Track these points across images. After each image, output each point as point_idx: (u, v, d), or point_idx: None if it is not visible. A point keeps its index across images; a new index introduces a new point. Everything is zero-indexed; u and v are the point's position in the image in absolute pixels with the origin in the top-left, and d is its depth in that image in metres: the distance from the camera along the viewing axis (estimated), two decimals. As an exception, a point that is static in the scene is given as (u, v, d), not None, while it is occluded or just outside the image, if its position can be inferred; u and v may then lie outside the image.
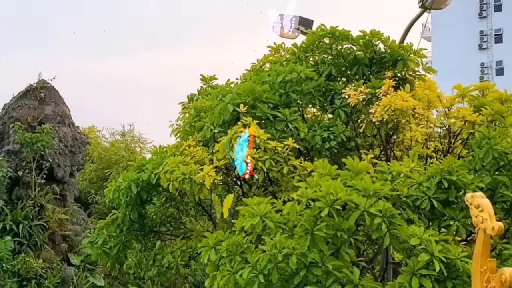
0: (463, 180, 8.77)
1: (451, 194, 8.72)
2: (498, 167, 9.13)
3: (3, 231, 16.98)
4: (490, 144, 9.13)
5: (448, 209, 8.79)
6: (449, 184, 8.73)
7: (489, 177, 9.02)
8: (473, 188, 8.64)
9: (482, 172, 9.10)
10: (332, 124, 10.31)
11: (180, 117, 11.72)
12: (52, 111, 18.61)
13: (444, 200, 8.79)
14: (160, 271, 11.46)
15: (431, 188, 8.70)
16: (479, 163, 9.19)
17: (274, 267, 8.05)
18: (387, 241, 7.98)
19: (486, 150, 9.12)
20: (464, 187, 8.73)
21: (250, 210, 8.73)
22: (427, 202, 8.70)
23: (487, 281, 5.89)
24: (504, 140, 9.22)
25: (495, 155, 9.07)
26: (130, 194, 10.85)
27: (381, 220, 7.90)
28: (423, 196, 8.72)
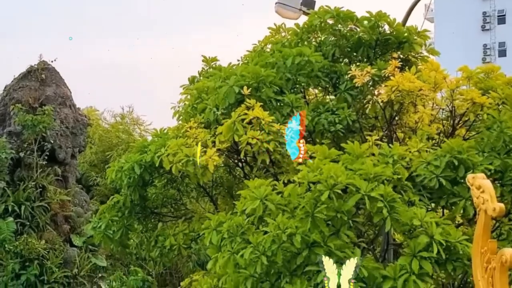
0: (472, 160, 8.79)
1: (460, 173, 8.73)
2: (508, 150, 9.14)
3: (5, 212, 17.04)
4: (502, 127, 9.14)
5: (457, 187, 8.81)
6: (458, 163, 8.75)
7: (498, 159, 9.04)
8: (482, 169, 8.66)
9: (491, 154, 9.11)
10: (337, 107, 10.29)
11: (182, 99, 11.69)
12: (53, 93, 18.58)
13: (453, 179, 8.81)
14: (162, 252, 11.50)
15: (440, 166, 8.71)
16: (488, 145, 9.20)
17: (278, 248, 8.08)
18: (389, 225, 8.01)
19: (497, 134, 9.13)
20: (473, 167, 8.74)
21: (250, 193, 8.74)
22: (435, 181, 8.72)
23: (488, 262, 5.91)
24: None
25: (506, 138, 9.07)
26: (133, 175, 10.84)
27: (382, 204, 7.93)
28: (431, 175, 8.74)
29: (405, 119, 10.28)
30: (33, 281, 16.17)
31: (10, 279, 16.06)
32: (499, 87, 9.93)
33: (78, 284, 16.81)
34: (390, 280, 8.04)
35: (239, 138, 9.66)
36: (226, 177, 12.52)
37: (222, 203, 12.36)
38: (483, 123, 9.66)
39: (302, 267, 8.28)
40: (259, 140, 9.54)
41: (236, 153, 10.81)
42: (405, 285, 7.93)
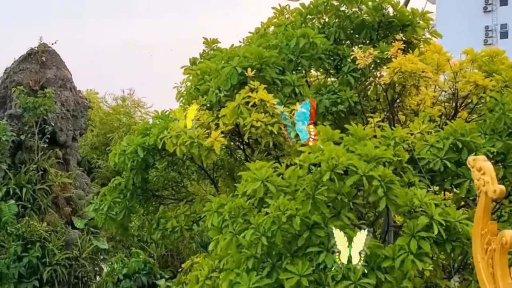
0: (475, 143, 8.82)
1: (463, 155, 8.76)
2: (510, 132, 9.16)
3: (6, 195, 17.07)
4: (504, 109, 9.16)
5: (460, 169, 8.85)
6: (462, 145, 8.77)
7: (500, 141, 9.07)
8: (484, 151, 8.69)
9: (493, 137, 9.14)
10: (339, 89, 10.29)
11: (184, 80, 11.65)
12: (53, 75, 18.52)
13: (456, 161, 8.84)
14: (164, 234, 11.55)
15: (443, 149, 8.74)
16: (490, 127, 9.23)
17: (278, 229, 8.12)
18: (383, 205, 8.06)
19: (499, 115, 9.16)
20: (475, 149, 8.77)
21: (252, 175, 8.76)
22: (439, 164, 8.76)
23: (488, 244, 5.94)
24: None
25: (507, 121, 9.10)
26: (136, 158, 10.85)
27: (378, 183, 7.95)
28: (435, 158, 8.77)
29: (407, 101, 10.29)
30: (35, 263, 16.24)
31: (12, 261, 16.13)
32: (503, 71, 9.94)
33: (80, 266, 16.88)
34: (388, 260, 8.10)
35: (243, 121, 9.65)
36: (227, 160, 12.53)
37: (223, 185, 12.39)
38: (486, 105, 9.67)
39: (303, 248, 8.33)
40: (263, 122, 9.55)
41: (238, 136, 10.81)
42: (403, 265, 7.99)
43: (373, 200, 8.22)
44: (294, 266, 8.20)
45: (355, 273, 7.87)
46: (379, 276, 8.04)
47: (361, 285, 7.85)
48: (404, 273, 8.01)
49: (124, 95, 26.35)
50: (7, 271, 16.22)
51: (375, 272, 8.08)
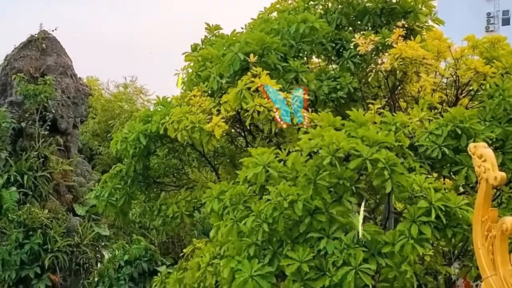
0: (474, 129, 8.81)
1: (462, 142, 8.77)
2: (509, 119, 9.15)
3: (8, 182, 17.08)
4: (504, 95, 9.14)
5: (459, 156, 8.85)
6: (461, 132, 8.77)
7: (500, 128, 9.06)
8: (483, 138, 8.69)
9: (492, 123, 9.14)
10: (340, 75, 10.27)
11: (185, 66, 11.63)
12: (54, 62, 18.47)
13: (455, 148, 8.85)
14: (165, 221, 11.59)
15: (441, 136, 8.74)
16: (489, 114, 9.22)
17: (280, 215, 8.13)
18: (389, 187, 8.03)
19: (498, 101, 9.15)
20: (474, 136, 8.77)
21: (253, 160, 8.77)
22: (437, 151, 8.76)
23: (488, 230, 5.93)
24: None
25: (507, 107, 9.09)
26: (138, 145, 10.86)
27: (383, 166, 7.95)
28: (433, 145, 8.77)
29: (408, 88, 10.27)
30: (36, 250, 16.29)
31: (13, 248, 16.18)
32: (503, 57, 9.90)
33: (81, 252, 16.94)
34: (388, 245, 8.12)
35: (246, 106, 9.64)
36: (228, 147, 12.54)
37: (224, 172, 12.41)
38: (486, 92, 9.66)
39: (304, 235, 8.35)
40: (266, 108, 9.53)
41: (239, 123, 10.81)
42: (402, 250, 8.01)
43: (377, 183, 8.21)
44: (294, 253, 8.22)
45: (356, 259, 7.89)
46: (379, 262, 8.06)
47: (362, 271, 7.87)
48: (404, 258, 8.03)
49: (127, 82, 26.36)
50: (9, 257, 16.28)
51: (375, 257, 8.10)
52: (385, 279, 8.22)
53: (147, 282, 14.99)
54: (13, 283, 16.34)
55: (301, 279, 8.16)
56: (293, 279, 8.19)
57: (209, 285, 9.65)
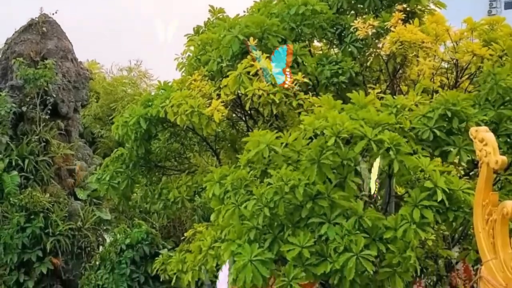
0: (466, 112, 8.81)
1: (454, 124, 8.77)
2: (503, 102, 9.14)
3: (9, 166, 17.06)
4: (496, 79, 9.12)
5: (452, 137, 8.86)
6: (452, 114, 8.77)
7: (493, 111, 9.06)
8: (476, 120, 8.69)
9: (486, 106, 9.13)
10: (341, 59, 10.24)
11: (186, 50, 11.59)
12: (54, 46, 18.36)
13: (448, 130, 8.85)
14: (166, 205, 11.63)
15: (433, 118, 8.74)
16: (483, 97, 9.21)
17: (281, 199, 8.14)
18: (396, 167, 8.04)
19: (491, 86, 9.13)
20: (467, 119, 8.77)
21: (256, 140, 8.75)
22: (429, 133, 8.76)
23: (489, 214, 5.95)
24: (511, 76, 9.18)
25: (500, 91, 9.07)
26: (139, 129, 10.87)
27: (388, 146, 7.95)
28: (424, 128, 8.78)
29: (408, 72, 10.25)
30: (38, 234, 16.31)
31: (15, 232, 16.21)
32: (501, 39, 9.85)
33: (82, 236, 16.96)
34: (390, 230, 8.13)
35: (245, 90, 9.62)
36: (229, 131, 12.54)
37: (225, 157, 12.43)
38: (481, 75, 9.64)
39: (305, 219, 8.36)
40: (265, 91, 9.51)
41: (239, 107, 10.80)
42: (405, 235, 8.03)
43: (383, 164, 8.21)
44: (295, 237, 8.24)
45: (357, 245, 7.91)
46: (380, 248, 8.08)
47: (363, 257, 7.90)
48: (406, 243, 8.05)
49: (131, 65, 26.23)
50: (11, 241, 16.32)
51: (376, 243, 8.12)
52: (388, 265, 8.25)
53: (148, 266, 15.04)
54: (15, 267, 16.41)
55: (302, 264, 8.20)
56: (294, 264, 8.23)
57: (210, 268, 9.71)
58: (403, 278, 8.27)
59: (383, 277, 8.31)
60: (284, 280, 8.28)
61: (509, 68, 9.38)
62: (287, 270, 8.31)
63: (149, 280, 15.41)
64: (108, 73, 26.47)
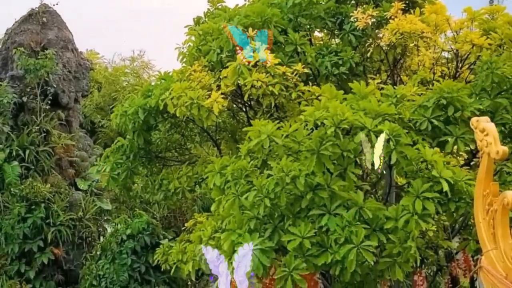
0: (462, 100, 8.79)
1: (449, 111, 8.76)
2: (500, 91, 9.12)
3: (9, 156, 17.06)
4: (491, 68, 9.09)
5: (449, 126, 8.86)
6: (447, 103, 8.75)
7: (489, 100, 9.03)
8: (471, 109, 8.68)
9: (482, 95, 9.11)
10: (341, 49, 10.20)
11: (186, 40, 11.56)
12: (55, 36, 18.32)
13: (444, 119, 8.84)
14: (167, 195, 11.64)
15: (429, 107, 8.73)
16: (479, 86, 9.19)
17: (282, 190, 8.13)
18: (394, 158, 8.03)
19: (487, 74, 9.10)
20: (462, 108, 8.76)
21: (257, 130, 8.74)
22: (426, 123, 8.75)
23: (490, 204, 5.94)
24: (507, 64, 9.15)
25: (495, 79, 9.05)
26: (137, 120, 10.87)
27: (387, 137, 7.93)
28: (422, 118, 8.77)
29: (409, 62, 10.22)
30: (39, 224, 16.33)
31: (16, 222, 16.22)
32: (500, 28, 9.81)
33: (84, 226, 16.99)
34: (391, 221, 8.13)
35: (244, 81, 9.60)
36: (229, 122, 12.53)
37: (226, 147, 12.42)
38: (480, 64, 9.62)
39: (306, 210, 8.36)
40: (264, 83, 9.49)
41: (240, 97, 10.78)
42: (406, 225, 8.03)
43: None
44: (296, 228, 8.24)
45: (358, 236, 7.91)
46: (381, 239, 8.09)
47: (364, 248, 7.90)
48: (407, 233, 8.05)
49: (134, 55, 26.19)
50: (12, 231, 16.35)
51: (377, 234, 8.12)
52: (388, 255, 8.26)
53: (149, 256, 15.08)
54: (16, 257, 16.44)
55: (302, 255, 8.20)
56: (294, 254, 8.23)
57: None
58: (403, 268, 8.27)
59: (383, 267, 8.32)
60: (284, 271, 8.29)
61: (506, 57, 9.35)
62: (287, 261, 8.32)
63: (150, 270, 15.45)
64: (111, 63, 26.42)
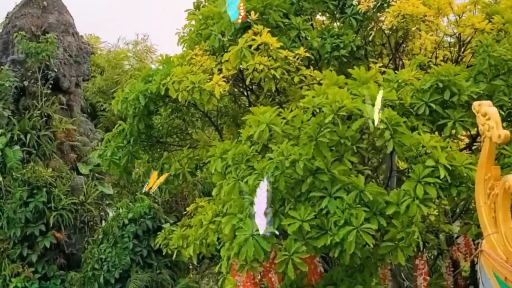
0: (458, 84, 8.75)
1: (446, 95, 8.74)
2: (497, 74, 9.08)
3: (11, 140, 17.10)
4: (488, 51, 9.04)
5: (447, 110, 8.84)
6: (444, 86, 8.72)
7: (485, 83, 8.99)
8: (468, 93, 8.65)
9: (479, 79, 9.07)
10: (342, 33, 10.15)
11: (187, 25, 11.50)
12: (55, 20, 18.27)
13: (442, 103, 8.81)
14: (168, 179, 11.64)
15: (427, 91, 8.70)
16: (476, 69, 9.15)
17: (281, 174, 8.13)
18: (390, 147, 8.03)
19: (483, 57, 9.05)
20: (459, 91, 8.73)
21: (256, 118, 8.73)
22: (424, 107, 8.73)
23: (491, 188, 5.93)
24: (503, 47, 9.10)
25: (492, 61, 9.00)
26: (138, 105, 10.84)
27: (384, 126, 7.91)
28: (419, 102, 8.74)
29: (411, 46, 10.16)
30: (41, 208, 16.41)
31: (18, 206, 16.31)
32: (502, 12, 9.75)
33: (85, 211, 17.07)
34: (393, 206, 8.12)
35: (246, 64, 9.55)
36: (231, 106, 12.50)
37: (227, 132, 12.40)
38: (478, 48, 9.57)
39: (306, 193, 8.36)
40: (266, 66, 9.45)
41: (241, 82, 10.74)
42: (408, 210, 8.02)
43: (379, 144, 8.19)
44: (296, 211, 8.24)
45: (357, 218, 7.91)
46: (381, 222, 8.09)
47: (363, 231, 7.90)
48: (409, 218, 8.05)
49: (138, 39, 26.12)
50: (14, 215, 16.43)
51: (377, 217, 8.13)
52: (390, 239, 8.27)
53: (151, 240, 15.15)
54: (18, 241, 16.54)
55: (302, 238, 8.21)
56: (294, 238, 8.25)
57: (211, 242, 9.75)
58: (404, 252, 8.29)
59: (385, 251, 8.34)
60: (285, 254, 8.31)
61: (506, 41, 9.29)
62: (288, 244, 8.33)
63: (152, 254, 15.52)
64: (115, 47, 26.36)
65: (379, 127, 7.85)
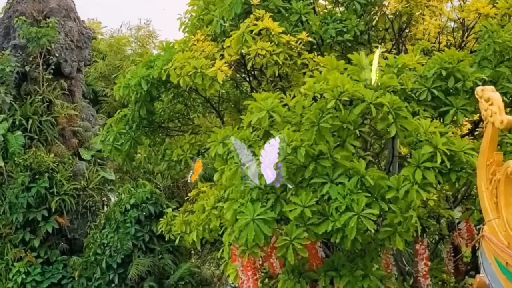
0: (462, 70, 8.71)
1: (450, 83, 8.70)
2: (502, 60, 9.03)
3: (13, 126, 17.10)
4: (492, 37, 8.99)
5: (449, 97, 8.81)
6: (448, 73, 8.68)
7: (490, 69, 8.95)
8: (473, 79, 8.61)
9: (484, 65, 9.02)
10: (346, 17, 10.09)
11: (188, 10, 11.45)
12: (57, 5, 18.19)
13: (445, 89, 8.78)
14: (170, 165, 11.66)
15: (430, 78, 8.66)
16: (480, 55, 9.10)
17: (283, 160, 8.12)
18: (393, 131, 8.00)
19: (488, 43, 9.00)
20: (463, 78, 8.69)
21: (257, 105, 8.72)
22: (426, 93, 8.70)
23: (493, 174, 5.91)
24: (508, 33, 9.04)
25: (497, 48, 8.95)
26: (140, 91, 10.82)
27: (387, 109, 7.89)
28: (422, 88, 8.71)
29: (414, 31, 10.12)
30: (43, 193, 16.45)
31: (20, 191, 16.34)
32: None
33: (87, 196, 17.10)
34: (392, 190, 8.13)
35: (248, 49, 9.52)
36: (233, 92, 12.48)
37: (229, 118, 12.39)
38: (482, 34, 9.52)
39: (308, 179, 8.36)
40: (268, 51, 9.41)
41: (243, 67, 10.71)
42: (407, 195, 8.02)
43: (381, 127, 8.17)
44: (297, 197, 8.24)
45: (359, 204, 7.90)
46: (382, 207, 8.09)
47: (364, 216, 7.90)
48: (408, 203, 8.05)
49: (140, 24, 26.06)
50: (16, 200, 16.47)
51: (378, 202, 8.13)
52: (389, 224, 8.27)
53: (153, 225, 15.20)
54: (20, 226, 16.60)
55: (304, 223, 8.22)
56: (296, 223, 8.26)
57: (214, 227, 9.78)
58: (403, 237, 8.30)
59: (384, 236, 8.35)
60: (286, 239, 8.32)
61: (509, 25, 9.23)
62: (289, 230, 8.34)
63: (154, 239, 15.58)
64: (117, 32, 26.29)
65: (379, 111, 7.83)
